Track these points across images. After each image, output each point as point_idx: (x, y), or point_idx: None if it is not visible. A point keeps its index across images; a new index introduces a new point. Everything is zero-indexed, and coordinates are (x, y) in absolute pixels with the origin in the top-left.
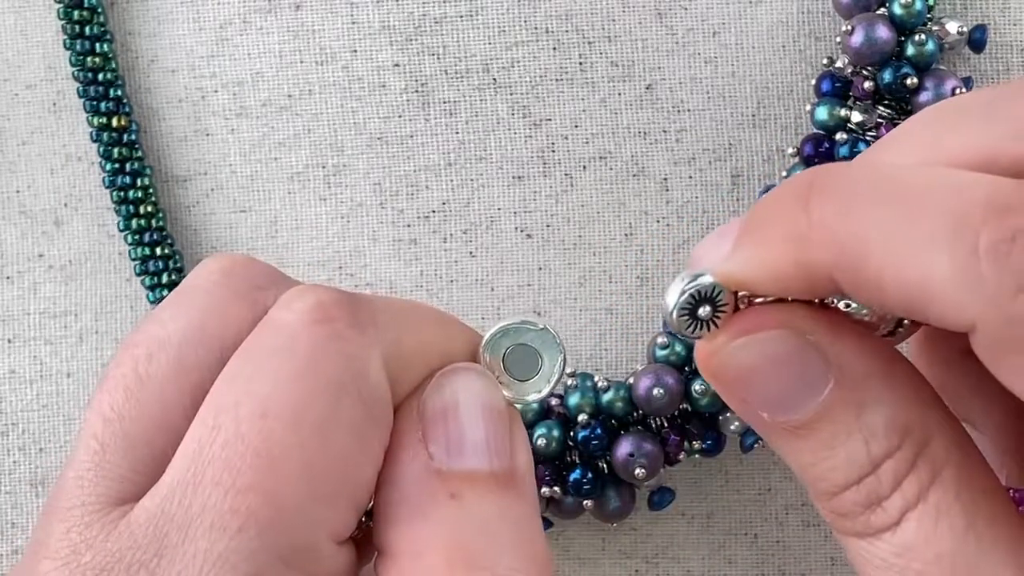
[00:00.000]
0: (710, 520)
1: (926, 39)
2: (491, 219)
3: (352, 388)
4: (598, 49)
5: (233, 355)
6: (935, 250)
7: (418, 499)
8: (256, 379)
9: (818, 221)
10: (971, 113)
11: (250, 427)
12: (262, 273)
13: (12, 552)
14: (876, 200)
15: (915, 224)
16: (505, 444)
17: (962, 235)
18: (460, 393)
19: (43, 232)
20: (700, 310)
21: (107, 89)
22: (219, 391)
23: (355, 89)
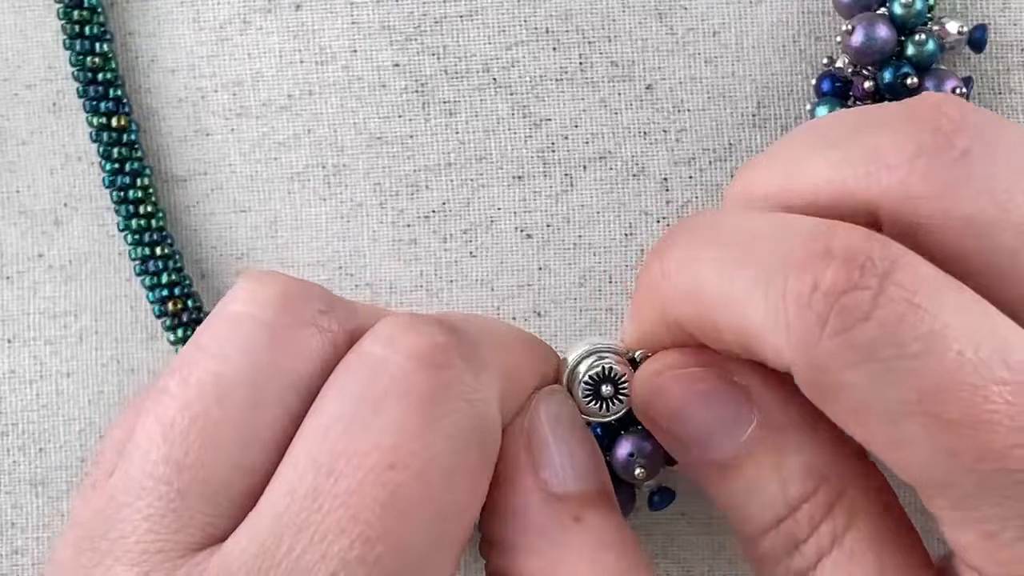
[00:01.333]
0: (710, 520)
1: (926, 39)
2: (491, 219)
3: (475, 436)
4: (598, 49)
5: (329, 393)
6: (753, 297)
7: (544, 525)
8: (376, 426)
9: (665, 271)
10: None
11: (377, 478)
12: (318, 296)
13: (12, 552)
14: (713, 248)
15: (740, 271)
16: (601, 463)
17: (773, 283)
18: (557, 417)
19: (43, 232)
20: (602, 388)
21: (107, 89)
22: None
23: (355, 89)
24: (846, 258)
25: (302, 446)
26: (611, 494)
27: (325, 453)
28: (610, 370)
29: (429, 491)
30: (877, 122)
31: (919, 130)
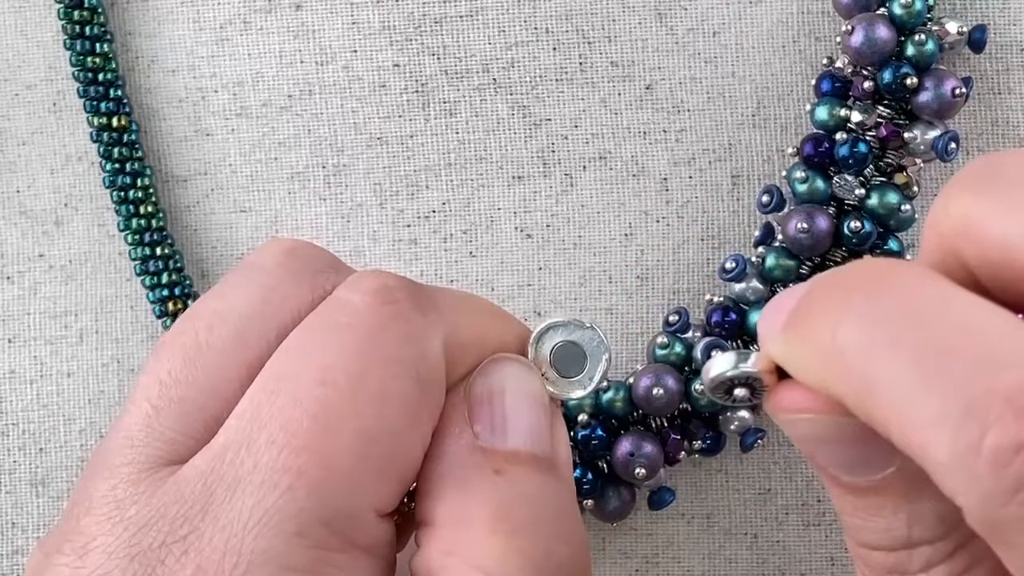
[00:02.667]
0: (710, 520)
1: (926, 39)
2: (491, 219)
3: (411, 366)
4: (598, 49)
5: (295, 329)
6: (940, 428)
7: (463, 473)
8: (318, 350)
9: (840, 349)
10: None
11: (308, 392)
12: (322, 258)
13: (12, 552)
14: (899, 346)
15: (928, 391)
16: (546, 433)
17: (970, 426)
18: (506, 380)
19: (43, 232)
20: (737, 391)
21: (107, 89)
22: (279, 360)
23: (355, 89)
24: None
25: (259, 375)
26: (557, 466)
27: (271, 375)
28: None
29: (357, 409)
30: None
31: None
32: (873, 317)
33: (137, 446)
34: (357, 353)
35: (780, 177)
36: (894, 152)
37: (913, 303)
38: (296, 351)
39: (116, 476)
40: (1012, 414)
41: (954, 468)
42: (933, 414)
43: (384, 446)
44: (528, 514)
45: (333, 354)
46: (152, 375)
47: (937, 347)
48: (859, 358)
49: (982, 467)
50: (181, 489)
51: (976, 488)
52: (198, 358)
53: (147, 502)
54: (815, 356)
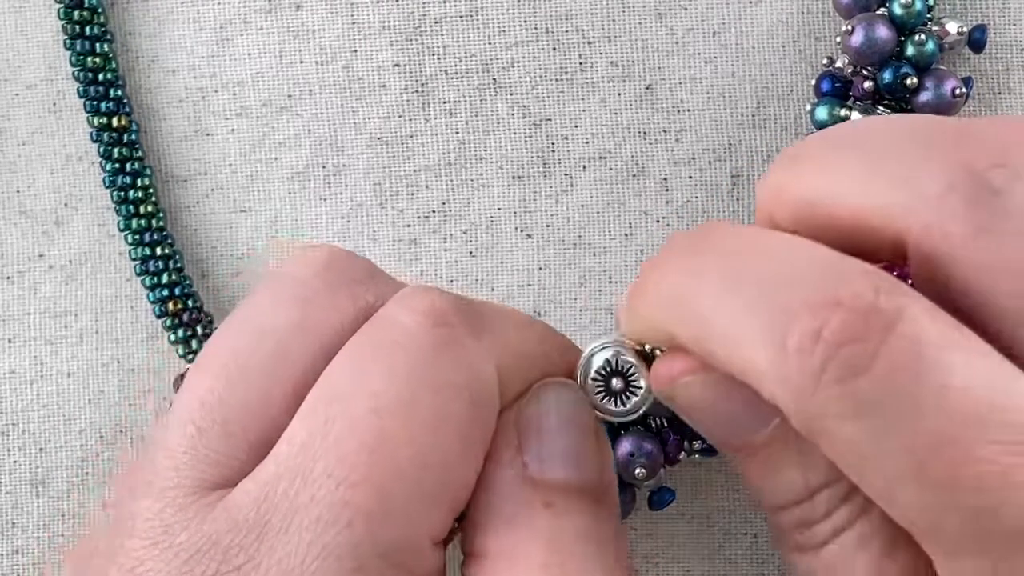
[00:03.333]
0: (710, 520)
1: (926, 39)
2: (491, 219)
3: (465, 391)
4: (598, 49)
5: (343, 348)
6: (751, 338)
7: (513, 505)
8: (370, 374)
9: (666, 292)
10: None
11: (363, 421)
12: (361, 267)
13: (12, 552)
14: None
15: (743, 313)
16: (595, 459)
17: (774, 326)
18: (553, 405)
19: (43, 232)
20: (613, 382)
21: (107, 89)
22: (329, 382)
23: (355, 89)
24: (852, 306)
25: (308, 397)
26: (605, 493)
27: (323, 400)
28: (617, 363)
29: (412, 437)
30: (919, 144)
31: (956, 162)
32: (692, 264)
33: (182, 468)
34: (409, 378)
35: None
36: None
37: (724, 248)
38: (347, 373)
39: (163, 499)
40: (808, 313)
41: (770, 373)
42: (749, 331)
43: (439, 474)
44: (578, 549)
45: (385, 379)
46: (193, 394)
47: (747, 277)
48: (685, 300)
49: (790, 362)
50: (233, 516)
51: (789, 385)
52: (241, 378)
53: (198, 528)
54: (653, 312)
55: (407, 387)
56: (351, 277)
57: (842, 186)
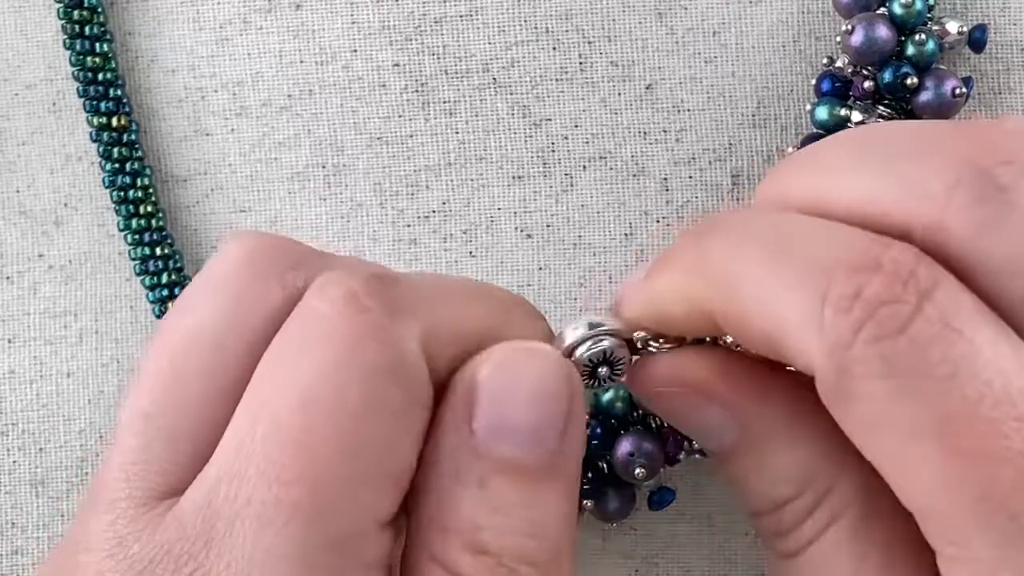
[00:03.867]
0: (710, 520)
1: (926, 39)
2: (491, 219)
3: (389, 374)
4: (598, 49)
5: (270, 344)
6: (790, 294)
7: (450, 477)
8: (294, 370)
9: (705, 258)
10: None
11: (289, 418)
12: (288, 251)
13: (12, 552)
14: (757, 244)
15: (780, 269)
16: (553, 435)
17: (814, 284)
18: (521, 373)
19: (43, 232)
20: (600, 370)
21: (107, 89)
22: (258, 382)
23: (355, 89)
24: (892, 271)
25: (243, 397)
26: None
27: (252, 400)
28: (610, 353)
29: (340, 428)
30: (924, 143)
31: (962, 160)
32: (729, 230)
33: (132, 479)
34: (334, 369)
35: None
36: None
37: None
38: (271, 370)
39: (114, 511)
40: (849, 272)
41: (803, 326)
42: (784, 285)
43: (375, 460)
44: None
45: (309, 373)
46: (136, 407)
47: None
48: (724, 260)
49: (828, 317)
50: (182, 524)
51: (825, 339)
52: (178, 385)
53: (149, 539)
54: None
55: (331, 377)
56: (281, 264)
57: (847, 186)
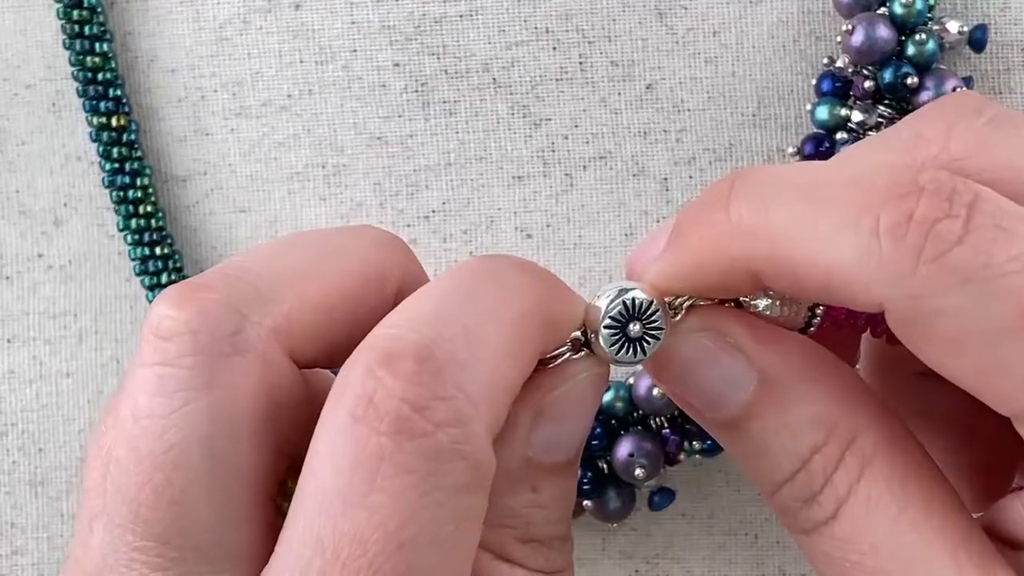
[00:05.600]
0: (710, 520)
1: (927, 38)
2: (491, 219)
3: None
4: (598, 49)
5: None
6: (841, 237)
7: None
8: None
9: (736, 219)
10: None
11: (388, 560)
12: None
13: (12, 552)
14: (788, 195)
15: (822, 215)
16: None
17: (864, 220)
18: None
19: (43, 232)
20: (630, 327)
21: (107, 89)
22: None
23: (355, 89)
24: (934, 190)
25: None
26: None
27: (328, 534)
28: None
29: (443, 554)
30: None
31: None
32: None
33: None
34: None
35: None
36: None
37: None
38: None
39: None
40: (895, 201)
41: (863, 263)
42: (831, 229)
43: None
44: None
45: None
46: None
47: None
48: (757, 218)
49: (886, 248)
50: None
51: (887, 271)
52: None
53: None
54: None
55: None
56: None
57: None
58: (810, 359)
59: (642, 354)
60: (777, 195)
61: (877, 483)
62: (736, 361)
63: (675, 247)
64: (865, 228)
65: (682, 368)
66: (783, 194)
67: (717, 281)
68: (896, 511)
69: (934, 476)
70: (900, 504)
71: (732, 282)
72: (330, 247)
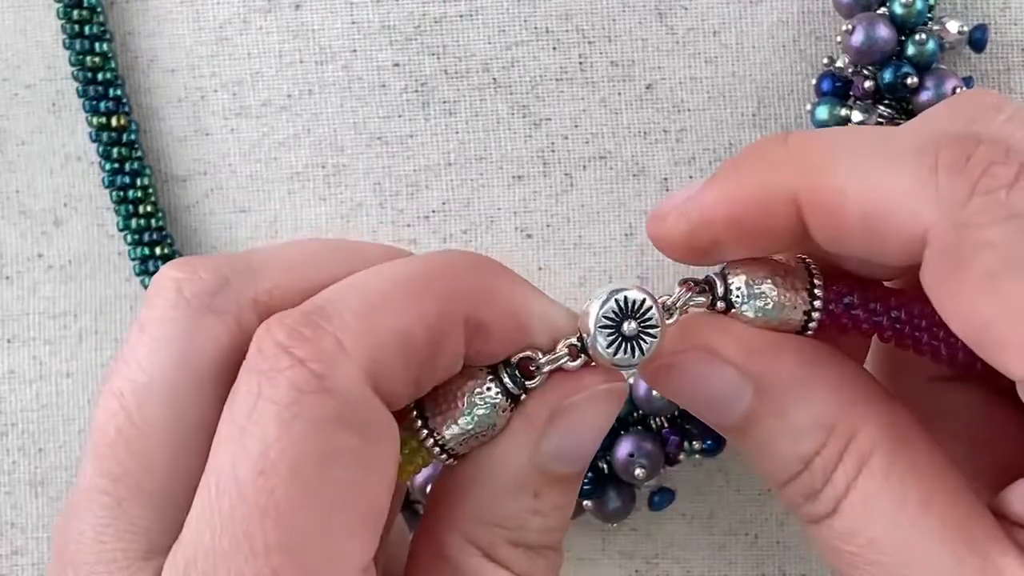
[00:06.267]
0: (710, 520)
1: (927, 38)
2: (491, 219)
3: (337, 422)
4: (598, 49)
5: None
6: (899, 165)
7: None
8: (245, 436)
9: (792, 145)
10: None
11: (251, 487)
12: (210, 273)
13: (12, 552)
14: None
15: (882, 147)
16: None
17: (924, 155)
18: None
19: (42, 232)
20: (625, 325)
21: (107, 89)
22: (217, 449)
23: (355, 89)
24: (991, 143)
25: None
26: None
27: (214, 469)
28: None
29: (306, 487)
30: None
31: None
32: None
33: (109, 542)
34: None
35: None
36: None
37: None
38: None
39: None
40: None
41: (917, 189)
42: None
43: (344, 510)
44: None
45: (259, 438)
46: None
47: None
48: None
49: (943, 180)
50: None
51: (941, 199)
52: (142, 442)
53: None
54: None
55: (280, 440)
56: (208, 290)
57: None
58: (805, 361)
59: (640, 354)
60: (836, 133)
61: (875, 479)
62: (729, 374)
63: (726, 172)
64: (925, 161)
65: (678, 386)
66: (842, 133)
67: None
68: (894, 506)
69: (936, 468)
70: (899, 499)
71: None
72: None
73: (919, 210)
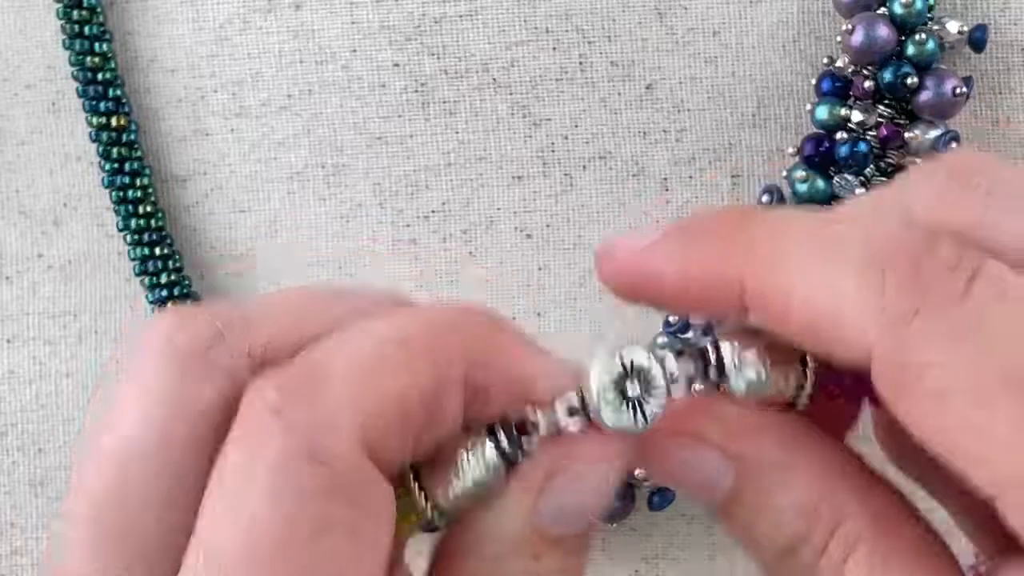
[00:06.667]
0: (710, 520)
1: (927, 38)
2: (491, 219)
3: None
4: (598, 49)
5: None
6: (845, 272)
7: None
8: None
9: (748, 238)
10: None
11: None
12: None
13: (11, 552)
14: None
15: (833, 249)
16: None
17: (872, 267)
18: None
19: (42, 232)
20: (629, 389)
21: (106, 89)
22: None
23: (355, 89)
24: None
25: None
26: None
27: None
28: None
29: (296, 564)
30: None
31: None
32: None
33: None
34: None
35: (780, 177)
36: (895, 152)
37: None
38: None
39: None
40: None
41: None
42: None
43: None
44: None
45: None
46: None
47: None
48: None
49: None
50: None
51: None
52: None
53: None
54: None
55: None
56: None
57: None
58: (788, 442)
59: (643, 419)
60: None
61: (860, 569)
62: (711, 456)
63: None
64: (872, 277)
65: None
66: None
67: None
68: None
69: (923, 553)
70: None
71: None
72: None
73: (863, 327)
